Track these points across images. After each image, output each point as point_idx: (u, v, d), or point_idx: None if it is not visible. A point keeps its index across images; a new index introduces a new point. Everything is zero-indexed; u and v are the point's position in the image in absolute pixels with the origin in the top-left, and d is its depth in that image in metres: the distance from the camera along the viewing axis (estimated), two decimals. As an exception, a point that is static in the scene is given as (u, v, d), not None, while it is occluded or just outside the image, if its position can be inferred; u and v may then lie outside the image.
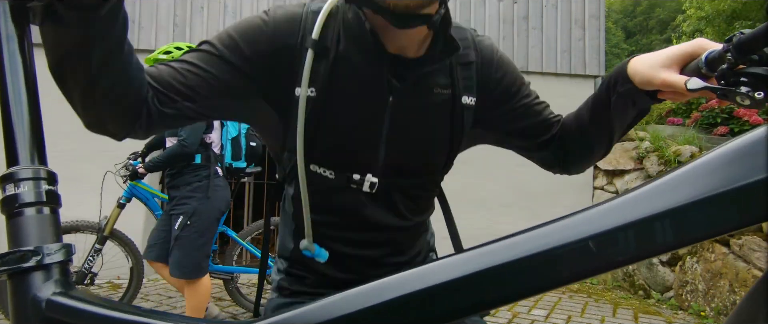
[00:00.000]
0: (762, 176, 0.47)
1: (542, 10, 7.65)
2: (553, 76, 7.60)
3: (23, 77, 0.64)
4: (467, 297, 0.52)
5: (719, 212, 0.48)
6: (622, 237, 0.49)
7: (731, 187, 0.47)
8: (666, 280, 5.63)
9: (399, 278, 0.54)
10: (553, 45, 7.62)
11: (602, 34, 7.83)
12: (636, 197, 0.51)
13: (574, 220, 0.52)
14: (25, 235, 0.58)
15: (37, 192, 0.60)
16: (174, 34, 6.86)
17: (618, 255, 0.49)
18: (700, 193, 0.48)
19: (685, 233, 0.49)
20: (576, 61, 7.64)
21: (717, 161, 0.49)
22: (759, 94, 0.75)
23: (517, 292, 0.52)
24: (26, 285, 0.56)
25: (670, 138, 6.72)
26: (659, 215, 0.49)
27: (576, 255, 0.50)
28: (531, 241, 0.52)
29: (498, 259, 0.51)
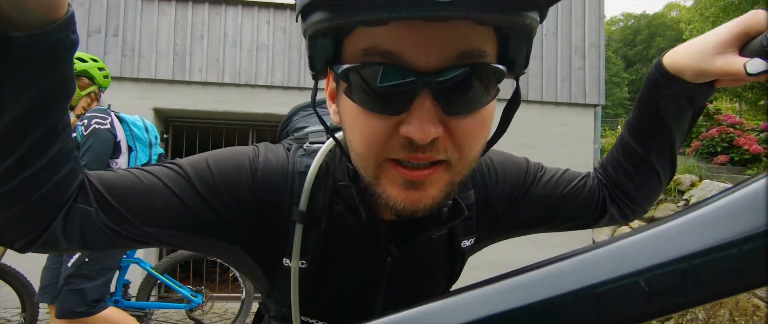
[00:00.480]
0: None
1: (542, 39, 7.72)
2: (553, 105, 7.64)
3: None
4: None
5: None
6: (687, 270, 0.36)
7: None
8: (667, 309, 5.58)
9: (417, 312, 0.47)
10: (553, 74, 7.67)
11: (602, 62, 7.89)
12: (713, 211, 0.37)
13: (617, 247, 0.39)
14: None
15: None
16: (174, 62, 6.93)
17: (679, 296, 0.36)
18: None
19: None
20: (576, 90, 7.68)
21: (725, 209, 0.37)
22: None
23: None
24: None
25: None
26: (738, 241, 0.35)
27: (620, 296, 0.37)
28: (561, 276, 0.40)
29: (522, 298, 0.39)
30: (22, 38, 0.62)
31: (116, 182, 0.81)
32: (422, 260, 0.97)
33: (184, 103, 6.95)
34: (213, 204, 0.83)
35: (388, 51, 0.63)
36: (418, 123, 0.63)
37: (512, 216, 1.05)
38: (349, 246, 0.91)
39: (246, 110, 7.05)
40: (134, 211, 0.80)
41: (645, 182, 1.05)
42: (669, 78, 0.92)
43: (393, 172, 0.70)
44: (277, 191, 0.86)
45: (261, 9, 7.17)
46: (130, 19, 6.78)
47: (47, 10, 0.63)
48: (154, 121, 6.87)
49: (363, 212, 0.84)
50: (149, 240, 0.83)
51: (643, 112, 0.99)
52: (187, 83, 6.96)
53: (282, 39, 7.15)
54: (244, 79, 7.03)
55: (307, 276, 0.90)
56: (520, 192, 1.04)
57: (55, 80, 0.68)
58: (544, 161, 1.14)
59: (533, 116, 7.56)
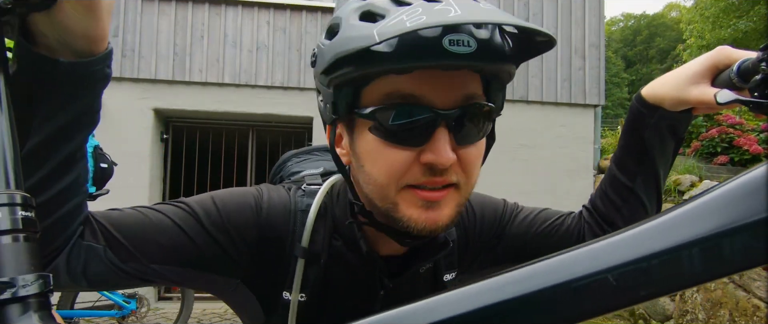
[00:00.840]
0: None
1: (542, 40, 7.72)
2: (553, 106, 7.65)
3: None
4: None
5: (753, 243, 0.42)
6: (645, 268, 0.44)
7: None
8: (666, 309, 5.60)
9: (400, 312, 0.53)
10: (553, 74, 7.68)
11: (602, 63, 7.90)
12: (659, 226, 0.45)
13: (590, 250, 0.47)
14: (0, 266, 0.53)
15: (12, 218, 0.55)
16: (174, 62, 6.95)
17: (641, 288, 0.44)
18: (734, 222, 0.42)
19: (715, 265, 0.43)
20: (576, 91, 7.69)
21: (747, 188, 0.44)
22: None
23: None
24: (1, 319, 0.51)
25: (670, 167, 6.72)
26: (688, 244, 0.43)
27: (597, 288, 0.45)
28: (541, 276, 0.47)
29: (510, 292, 0.47)
30: (67, 64, 0.69)
31: (123, 220, 0.85)
32: (410, 294, 0.98)
33: (184, 104, 6.96)
34: (220, 241, 0.88)
35: (410, 94, 0.76)
36: (440, 151, 0.76)
37: (490, 253, 1.12)
38: (346, 280, 0.98)
39: (246, 110, 7.06)
40: (142, 249, 0.83)
41: (632, 214, 1.09)
42: (649, 108, 1.00)
43: (412, 196, 0.80)
44: (280, 228, 0.93)
45: (261, 9, 7.18)
46: (130, 19, 6.79)
47: (89, 44, 0.71)
48: (154, 121, 6.88)
49: (363, 246, 0.92)
50: (154, 278, 0.86)
51: (628, 143, 1.06)
52: (187, 83, 6.96)
53: (282, 39, 7.15)
54: (244, 79, 7.04)
55: (305, 309, 0.95)
56: (497, 230, 1.12)
57: (84, 108, 0.75)
58: (544, 161, 1.16)
59: (533, 117, 7.56)
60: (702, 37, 20.95)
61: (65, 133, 0.74)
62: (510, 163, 7.37)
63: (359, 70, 0.73)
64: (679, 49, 29.76)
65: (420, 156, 0.78)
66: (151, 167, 6.82)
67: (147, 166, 6.73)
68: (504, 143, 7.80)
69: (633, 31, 52.20)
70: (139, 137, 6.69)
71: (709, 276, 0.43)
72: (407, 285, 1.02)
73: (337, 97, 0.80)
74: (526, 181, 7.10)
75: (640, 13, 56.92)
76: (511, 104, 7.57)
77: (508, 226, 1.12)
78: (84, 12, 0.68)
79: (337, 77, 0.76)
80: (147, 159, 6.75)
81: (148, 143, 6.81)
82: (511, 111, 7.58)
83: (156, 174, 7.05)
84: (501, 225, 1.12)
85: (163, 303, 7.00)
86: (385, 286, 0.97)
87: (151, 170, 6.83)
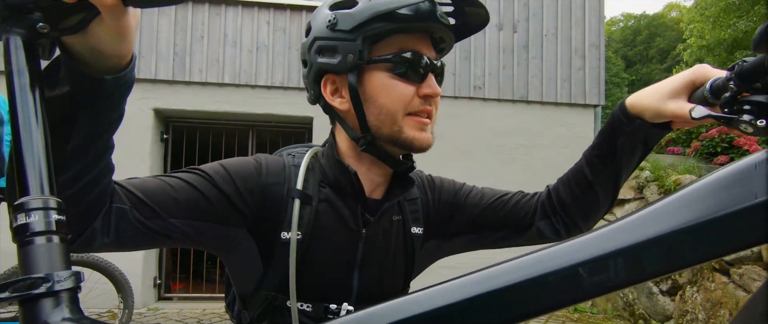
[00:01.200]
0: (750, 203, 0.49)
1: (542, 40, 7.73)
2: (553, 106, 7.65)
3: (33, 111, 0.67)
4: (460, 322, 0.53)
5: (706, 239, 0.50)
6: (612, 263, 0.51)
7: (720, 214, 0.49)
8: (666, 309, 5.60)
9: (383, 308, 0.57)
10: (553, 74, 7.68)
11: (602, 63, 7.90)
12: (625, 225, 0.53)
13: (564, 247, 0.54)
14: (36, 263, 0.59)
15: (46, 221, 0.61)
16: (174, 62, 6.94)
17: (608, 281, 0.51)
18: (688, 221, 0.50)
19: (672, 260, 0.51)
20: (576, 91, 7.69)
21: (706, 189, 0.51)
22: (761, 122, 0.76)
23: (506, 318, 0.53)
24: (37, 311, 0.58)
25: (671, 167, 6.74)
26: (648, 242, 0.51)
27: (566, 281, 0.52)
28: (522, 268, 0.53)
29: (488, 286, 0.53)
30: (111, 80, 0.79)
31: (145, 184, 0.99)
32: (387, 241, 1.20)
33: (184, 104, 6.96)
34: (228, 193, 1.05)
35: (414, 49, 1.09)
36: (434, 86, 1.11)
37: (455, 218, 1.30)
38: (333, 220, 1.14)
39: (246, 110, 7.06)
40: (162, 206, 0.97)
41: (586, 206, 1.23)
42: (629, 117, 1.09)
43: (412, 121, 1.11)
44: (277, 177, 1.12)
45: (261, 9, 7.18)
46: (130, 19, 6.77)
47: (118, 60, 0.80)
48: (154, 121, 6.88)
49: (351, 184, 1.13)
50: (174, 233, 0.99)
51: (601, 144, 1.17)
52: (187, 83, 6.96)
53: (282, 39, 7.15)
54: (244, 79, 7.04)
55: (300, 248, 1.09)
56: (456, 197, 1.32)
57: (116, 111, 0.85)
58: (544, 161, 1.23)
59: (533, 117, 7.57)
60: (702, 36, 20.92)
61: (101, 133, 0.84)
62: (510, 163, 7.38)
63: (389, 25, 1.04)
64: (679, 49, 29.74)
65: (419, 90, 1.10)
66: (151, 167, 6.82)
67: (147, 166, 6.73)
68: (504, 143, 7.84)
69: (633, 31, 52.19)
70: (139, 137, 6.68)
71: (668, 271, 0.52)
72: (383, 233, 1.19)
73: (363, 48, 1.05)
74: (526, 181, 7.04)
75: (640, 13, 56.95)
76: (511, 104, 7.57)
77: (464, 198, 1.31)
78: (114, 35, 0.75)
79: (370, 30, 1.04)
80: (147, 159, 6.75)
81: (148, 143, 6.81)
82: (511, 111, 7.60)
83: (156, 174, 7.01)
84: (459, 195, 1.32)
85: (163, 303, 7.01)
86: (366, 223, 1.16)
87: (151, 170, 6.82)
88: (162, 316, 6.13)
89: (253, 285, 1.13)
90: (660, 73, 40.97)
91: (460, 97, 7.48)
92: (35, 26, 0.70)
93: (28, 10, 0.70)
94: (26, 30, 0.70)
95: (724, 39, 19.61)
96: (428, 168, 1.43)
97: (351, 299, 1.14)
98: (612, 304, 6.68)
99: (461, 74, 7.49)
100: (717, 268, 4.92)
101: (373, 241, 1.17)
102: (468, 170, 7.10)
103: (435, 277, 0.66)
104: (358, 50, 1.06)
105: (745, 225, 0.49)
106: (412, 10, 1.03)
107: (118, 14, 0.73)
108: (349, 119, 1.15)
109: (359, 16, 1.04)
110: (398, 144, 1.12)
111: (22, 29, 0.70)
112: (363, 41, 1.06)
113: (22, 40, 0.70)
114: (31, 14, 0.70)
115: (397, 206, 1.23)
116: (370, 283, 1.17)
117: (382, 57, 1.08)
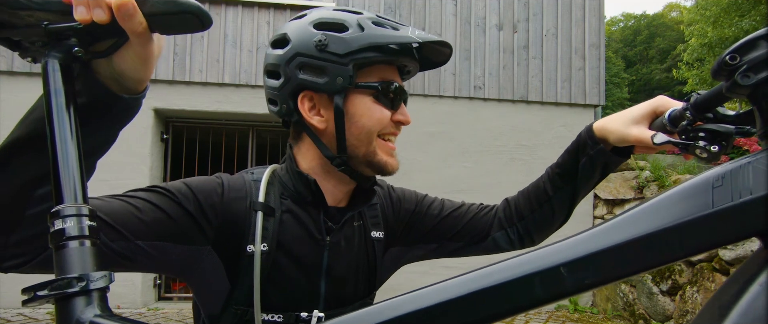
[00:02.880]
0: (706, 212, 0.57)
1: (542, 40, 7.73)
2: (553, 106, 7.65)
3: (69, 127, 0.74)
4: (452, 319, 0.59)
5: (669, 243, 0.58)
6: (591, 263, 0.58)
7: (680, 222, 0.57)
8: (666, 309, 5.60)
9: (374, 310, 0.61)
10: (553, 74, 7.68)
11: (602, 63, 7.90)
12: (608, 227, 0.60)
13: (549, 249, 0.60)
14: (70, 265, 0.65)
15: (80, 227, 0.68)
16: (174, 63, 6.94)
17: (586, 278, 0.58)
18: (654, 227, 0.58)
19: (640, 262, 0.58)
20: (576, 91, 7.69)
21: (670, 199, 0.59)
22: (714, 148, 0.86)
23: (493, 314, 0.59)
24: (71, 309, 0.64)
25: (670, 167, 6.74)
26: (623, 245, 0.58)
27: (550, 279, 0.58)
28: (511, 268, 0.60)
29: (477, 285, 0.59)
30: (129, 99, 0.86)
31: (108, 205, 0.96)
32: (350, 247, 1.24)
33: (184, 104, 6.96)
34: (191, 211, 1.06)
35: (392, 79, 1.17)
36: (407, 114, 1.22)
37: (415, 227, 1.37)
38: (297, 231, 1.17)
39: (246, 110, 7.06)
40: (128, 227, 0.96)
41: (542, 219, 1.32)
42: (594, 140, 1.18)
43: (384, 146, 1.19)
44: (239, 192, 1.14)
45: (261, 9, 7.18)
46: (130, 19, 6.78)
47: (138, 85, 0.88)
48: (154, 121, 6.88)
49: (312, 195, 1.17)
50: (138, 256, 0.98)
51: (564, 162, 1.26)
52: (187, 83, 6.97)
53: (282, 39, 7.14)
54: (244, 79, 7.04)
55: (266, 260, 1.11)
56: (417, 207, 1.39)
57: (116, 130, 0.89)
58: (544, 161, 1.23)
59: (533, 117, 7.57)
60: (703, 34, 20.85)
61: (98, 147, 0.88)
62: (510, 163, 7.38)
63: (379, 56, 1.10)
64: (679, 49, 29.75)
65: (393, 116, 1.18)
66: (151, 167, 6.82)
67: (147, 166, 6.73)
68: (504, 143, 7.84)
69: (633, 31, 52.18)
70: (139, 137, 6.68)
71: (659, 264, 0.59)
72: (346, 240, 1.23)
73: (353, 73, 1.10)
74: (526, 181, 7.02)
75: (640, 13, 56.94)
76: (511, 104, 7.57)
77: (425, 208, 1.39)
78: (139, 61, 0.82)
79: (361, 58, 1.09)
80: (147, 159, 6.75)
81: (148, 143, 6.82)
82: (511, 111, 7.60)
83: (156, 174, 7.05)
84: (421, 204, 1.39)
85: (163, 303, 7.01)
86: (330, 230, 1.19)
87: (151, 170, 6.83)
88: (162, 316, 6.13)
89: (221, 303, 1.13)
90: (660, 73, 40.94)
91: (460, 97, 7.48)
92: (71, 50, 0.76)
93: (66, 36, 0.77)
94: (63, 54, 0.76)
95: (726, 38, 19.57)
96: (429, 168, 1.47)
97: (319, 306, 1.17)
98: (612, 305, 6.68)
99: (461, 74, 7.49)
100: (717, 268, 4.93)
101: (337, 248, 1.21)
102: (468, 170, 7.11)
103: (436, 277, 0.69)
104: (349, 75, 1.10)
105: (701, 232, 0.57)
106: (399, 46, 1.10)
107: (146, 41, 0.79)
108: (324, 137, 1.18)
109: (354, 44, 1.10)
110: (371, 165, 1.18)
111: (59, 53, 0.76)
112: (353, 67, 1.11)
113: (59, 63, 0.76)
114: (68, 40, 0.77)
115: (357, 213, 1.27)
116: (337, 288, 1.20)
117: (368, 83, 1.14)
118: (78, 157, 0.73)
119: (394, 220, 1.35)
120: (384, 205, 1.36)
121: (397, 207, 1.37)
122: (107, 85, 0.83)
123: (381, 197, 1.36)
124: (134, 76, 0.85)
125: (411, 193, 1.42)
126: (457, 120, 7.37)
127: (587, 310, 6.93)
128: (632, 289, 6.24)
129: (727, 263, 4.79)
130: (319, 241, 1.18)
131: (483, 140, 7.41)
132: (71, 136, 0.74)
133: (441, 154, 7.10)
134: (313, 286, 1.17)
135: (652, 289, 5.82)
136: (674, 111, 0.99)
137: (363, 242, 1.28)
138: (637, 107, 1.11)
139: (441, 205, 1.40)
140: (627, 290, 6.36)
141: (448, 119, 7.36)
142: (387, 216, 1.35)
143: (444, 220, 1.37)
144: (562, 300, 0.63)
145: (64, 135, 0.73)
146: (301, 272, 1.16)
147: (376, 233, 1.31)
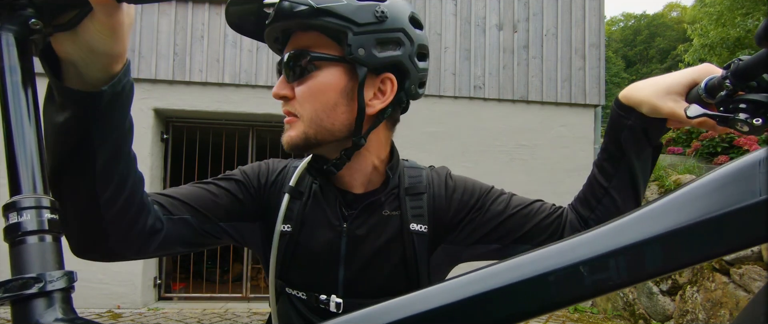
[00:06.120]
0: (753, 201, 0.47)
1: (542, 40, 7.73)
2: (553, 105, 7.65)
3: (26, 109, 0.65)
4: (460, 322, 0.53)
5: (708, 237, 0.49)
6: (613, 262, 0.50)
7: (721, 212, 0.48)
8: (666, 309, 5.60)
9: (385, 307, 0.58)
10: (554, 74, 7.68)
11: (602, 63, 7.89)
12: (626, 223, 0.52)
13: (566, 244, 0.53)
14: (28, 263, 0.58)
15: (39, 220, 0.60)
16: (174, 63, 6.94)
17: (609, 280, 0.50)
18: (690, 219, 0.49)
19: (674, 259, 0.50)
20: (576, 91, 7.69)
21: (708, 186, 0.50)
22: (757, 121, 0.75)
23: (507, 317, 0.52)
24: (28, 312, 0.56)
25: (671, 167, 6.74)
26: (650, 240, 0.50)
27: (567, 280, 0.51)
28: (522, 267, 0.53)
29: (488, 285, 0.52)
30: (108, 89, 0.78)
31: (193, 193, 1.11)
32: (376, 237, 1.17)
33: (184, 104, 6.96)
34: (253, 194, 1.20)
35: None
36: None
37: (475, 224, 1.20)
38: (319, 215, 1.18)
39: (246, 110, 7.06)
40: (213, 212, 1.11)
41: (606, 215, 1.13)
42: (626, 110, 1.04)
43: None
44: (280, 175, 1.24)
45: (261, 9, 7.17)
46: (130, 19, 6.78)
47: (111, 61, 0.78)
48: (154, 121, 6.88)
49: (323, 178, 1.16)
50: (220, 235, 1.13)
51: (607, 145, 1.11)
52: (187, 83, 6.97)
53: (282, 39, 7.14)
54: (244, 79, 7.04)
55: (290, 240, 1.18)
56: (478, 202, 1.21)
57: (124, 118, 0.84)
58: (544, 161, 1.20)
59: (533, 117, 7.56)
60: (705, 35, 20.66)
61: (120, 145, 0.85)
62: (510, 163, 7.38)
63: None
64: (679, 49, 29.72)
65: None
66: (151, 167, 6.82)
67: (147, 166, 6.73)
68: (504, 143, 7.83)
69: (633, 31, 52.16)
70: (139, 137, 6.66)
71: (670, 269, 0.51)
72: (370, 228, 1.16)
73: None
74: (526, 181, 7.09)
75: (640, 13, 56.93)
76: (511, 104, 7.57)
77: (492, 204, 1.21)
78: (107, 32, 0.74)
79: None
80: (147, 159, 6.75)
81: (148, 143, 6.82)
82: (511, 111, 7.59)
83: (156, 174, 7.05)
84: (484, 199, 1.22)
85: (163, 303, 7.01)
86: (346, 217, 1.16)
87: (152, 170, 6.83)
88: (162, 316, 6.12)
89: (267, 272, 1.24)
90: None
91: (460, 97, 7.48)
92: (27, 22, 0.68)
93: (20, 6, 0.68)
94: (18, 26, 0.68)
95: (728, 38, 19.46)
96: (428, 168, 1.41)
97: (338, 292, 1.15)
98: (612, 304, 6.67)
99: (461, 74, 7.49)
100: (717, 267, 4.92)
101: (357, 237, 1.16)
102: (468, 170, 7.09)
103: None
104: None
105: (746, 223, 0.48)
106: None
107: (111, 10, 0.72)
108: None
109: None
110: None
111: (13, 25, 0.68)
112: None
113: (14, 37, 0.68)
114: (24, 10, 0.69)
115: (395, 201, 1.19)
116: (356, 277, 1.16)
117: None
118: (37, 142, 0.65)
119: (448, 214, 1.20)
120: (434, 196, 1.22)
121: (453, 199, 1.21)
122: (81, 75, 0.78)
123: (433, 187, 1.23)
124: (105, 49, 0.76)
125: (472, 185, 1.25)
126: (457, 120, 7.37)
127: (587, 309, 6.93)
128: (632, 289, 6.23)
129: (727, 263, 4.79)
130: (336, 227, 1.17)
131: (483, 140, 7.40)
132: (29, 119, 0.65)
133: (441, 154, 7.10)
134: (331, 271, 1.16)
135: (652, 288, 5.82)
136: (711, 79, 0.88)
137: (397, 234, 1.17)
138: (674, 75, 0.97)
139: (507, 200, 1.22)
140: (627, 290, 6.36)
141: (448, 119, 7.36)
142: (437, 208, 1.20)
143: (509, 218, 1.18)
144: (581, 303, 0.54)
145: (20, 117, 0.65)
146: (319, 256, 1.18)
147: (417, 226, 1.17)
